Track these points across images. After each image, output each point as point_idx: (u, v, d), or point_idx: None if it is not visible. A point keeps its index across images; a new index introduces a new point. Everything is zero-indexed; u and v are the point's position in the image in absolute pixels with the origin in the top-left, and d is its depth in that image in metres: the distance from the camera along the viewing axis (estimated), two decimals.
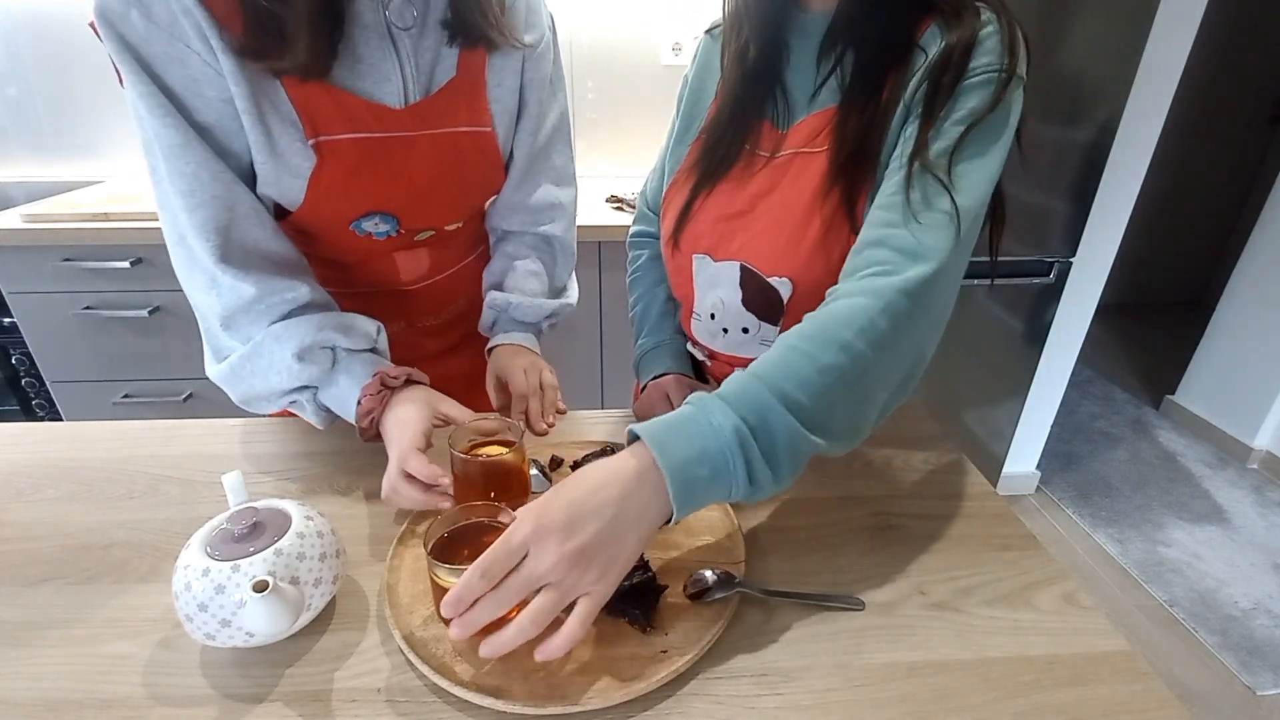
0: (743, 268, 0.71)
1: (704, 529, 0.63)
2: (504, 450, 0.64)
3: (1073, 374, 2.08)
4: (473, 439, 0.66)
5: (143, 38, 0.58)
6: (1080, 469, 2.38)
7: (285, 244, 0.69)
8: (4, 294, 1.56)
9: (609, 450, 0.73)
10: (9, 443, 0.77)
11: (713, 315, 0.77)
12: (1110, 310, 3.14)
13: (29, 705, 0.47)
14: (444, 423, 0.66)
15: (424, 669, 0.48)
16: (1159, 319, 3.58)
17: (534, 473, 0.69)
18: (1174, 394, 2.67)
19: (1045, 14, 1.52)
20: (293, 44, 0.60)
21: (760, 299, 0.71)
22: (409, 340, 0.87)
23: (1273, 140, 3.36)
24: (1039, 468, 2.25)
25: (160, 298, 1.58)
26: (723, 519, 0.64)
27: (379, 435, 0.66)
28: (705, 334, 0.79)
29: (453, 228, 0.83)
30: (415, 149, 0.71)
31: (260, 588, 0.46)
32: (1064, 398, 2.12)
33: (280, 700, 0.47)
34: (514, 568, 0.45)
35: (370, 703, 0.47)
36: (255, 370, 0.66)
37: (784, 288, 0.69)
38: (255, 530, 0.51)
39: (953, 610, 0.56)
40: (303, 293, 0.67)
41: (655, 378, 0.83)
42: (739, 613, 0.55)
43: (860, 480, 0.73)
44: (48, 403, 1.72)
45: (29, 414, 1.74)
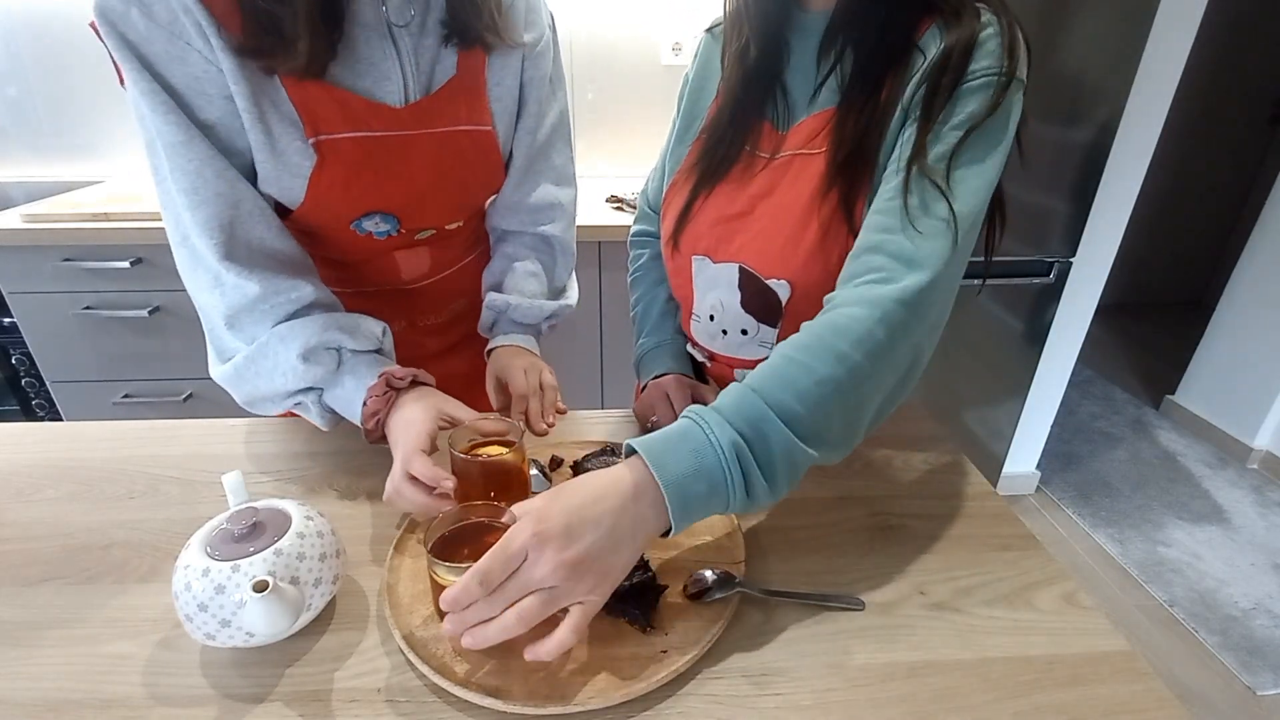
0: (741, 269, 0.71)
1: (704, 529, 0.63)
2: (504, 450, 0.64)
3: (1073, 374, 2.08)
4: (473, 439, 0.66)
5: (143, 36, 0.58)
6: (1080, 469, 2.38)
7: (290, 242, 0.68)
8: (4, 294, 1.56)
9: (609, 450, 0.73)
10: (9, 443, 0.77)
11: (712, 317, 0.77)
12: (1110, 310, 3.15)
13: (29, 705, 0.47)
14: (450, 424, 0.66)
15: (424, 669, 0.48)
16: (1159, 319, 3.58)
17: (534, 473, 0.69)
18: (1174, 394, 2.67)
19: (1045, 14, 1.52)
20: (291, 43, 0.60)
21: (759, 301, 0.71)
22: (410, 339, 0.87)
23: (1273, 140, 3.36)
24: (1039, 468, 2.25)
25: (160, 298, 1.58)
26: (722, 519, 0.64)
27: (384, 437, 0.66)
28: (704, 335, 0.79)
29: (453, 227, 0.83)
30: (415, 148, 0.71)
31: (260, 588, 0.46)
32: (1064, 398, 2.12)
33: (280, 700, 0.47)
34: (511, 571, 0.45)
35: (370, 703, 0.47)
36: (260, 371, 0.65)
37: (782, 290, 0.69)
38: (255, 530, 0.51)
39: (953, 610, 0.56)
40: (307, 292, 0.67)
41: (656, 377, 0.83)
42: (739, 613, 0.55)
43: (860, 480, 0.73)
44: (48, 403, 1.72)
45: (29, 414, 1.74)
